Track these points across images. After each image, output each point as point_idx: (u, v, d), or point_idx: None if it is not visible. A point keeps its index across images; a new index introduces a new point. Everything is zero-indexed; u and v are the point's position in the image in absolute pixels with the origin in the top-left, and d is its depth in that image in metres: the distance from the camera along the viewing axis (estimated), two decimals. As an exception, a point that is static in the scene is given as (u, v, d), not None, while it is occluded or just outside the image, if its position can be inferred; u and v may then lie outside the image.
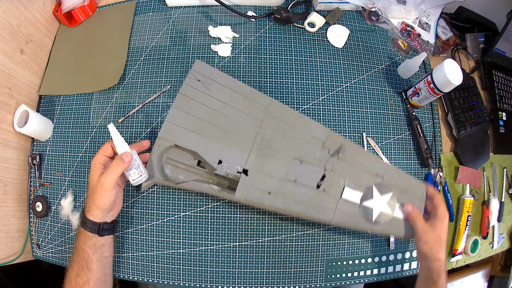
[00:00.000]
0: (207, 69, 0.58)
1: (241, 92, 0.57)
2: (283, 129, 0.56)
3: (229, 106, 0.56)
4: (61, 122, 0.68)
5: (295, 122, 0.56)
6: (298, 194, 0.53)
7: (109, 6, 0.76)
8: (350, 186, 0.54)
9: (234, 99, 0.56)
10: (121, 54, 0.69)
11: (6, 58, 0.60)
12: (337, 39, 0.71)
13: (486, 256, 0.70)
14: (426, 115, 0.70)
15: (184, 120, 0.54)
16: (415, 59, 0.66)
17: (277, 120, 0.56)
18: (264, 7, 0.72)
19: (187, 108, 0.55)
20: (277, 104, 0.57)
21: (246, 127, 0.55)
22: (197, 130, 0.54)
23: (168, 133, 0.54)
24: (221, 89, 0.56)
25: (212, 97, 0.56)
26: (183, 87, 0.56)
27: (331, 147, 0.56)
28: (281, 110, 0.57)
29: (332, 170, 0.54)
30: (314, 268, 0.60)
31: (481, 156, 0.71)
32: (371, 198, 0.54)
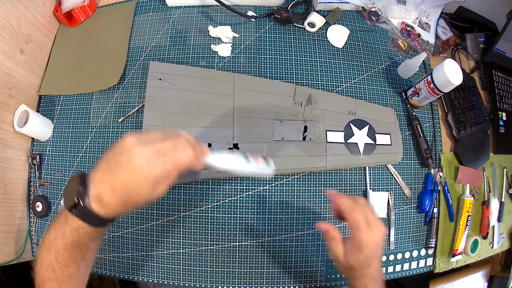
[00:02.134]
0: (164, 66, 0.61)
1: (203, 76, 0.61)
2: (254, 96, 0.61)
3: (198, 92, 0.59)
4: (61, 122, 0.68)
5: (262, 87, 0.62)
6: (289, 151, 0.58)
7: (109, 6, 0.76)
8: (331, 129, 0.61)
9: (200, 84, 0.60)
10: (121, 54, 0.69)
11: (6, 58, 0.60)
12: (337, 39, 0.71)
13: (486, 256, 0.70)
14: (426, 115, 0.70)
15: (161, 120, 0.56)
16: (415, 59, 0.66)
17: (246, 91, 0.61)
18: (264, 7, 0.72)
19: (160, 107, 0.57)
20: (240, 77, 0.62)
21: (221, 106, 0.59)
22: (176, 123, 0.56)
23: None
24: (184, 80, 0.60)
25: (179, 89, 0.59)
26: (147, 90, 0.59)
27: (302, 100, 0.62)
28: (246, 80, 0.61)
29: (311, 120, 0.61)
30: (314, 268, 0.60)
31: (481, 156, 0.71)
32: (353, 134, 0.62)
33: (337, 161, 0.59)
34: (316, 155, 0.59)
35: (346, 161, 0.60)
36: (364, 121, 0.62)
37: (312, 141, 0.59)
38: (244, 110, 0.59)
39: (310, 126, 0.60)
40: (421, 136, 0.66)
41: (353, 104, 0.64)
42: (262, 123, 0.59)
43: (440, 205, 0.66)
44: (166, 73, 0.60)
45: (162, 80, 0.59)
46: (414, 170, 0.66)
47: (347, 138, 0.61)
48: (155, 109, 0.57)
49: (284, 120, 0.60)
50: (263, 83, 0.62)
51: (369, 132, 0.62)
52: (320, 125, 0.61)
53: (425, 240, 0.65)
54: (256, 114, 0.59)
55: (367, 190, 0.63)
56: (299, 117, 0.60)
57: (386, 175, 0.64)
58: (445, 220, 0.66)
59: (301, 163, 0.58)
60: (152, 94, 0.58)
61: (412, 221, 0.65)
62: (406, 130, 0.68)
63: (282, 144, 0.58)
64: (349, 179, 0.63)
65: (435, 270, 0.65)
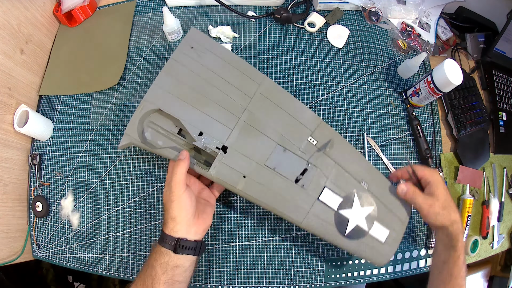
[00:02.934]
0: (201, 36, 0.55)
1: (234, 65, 0.54)
2: (272, 110, 0.52)
3: (219, 77, 0.53)
4: (61, 122, 0.68)
5: (287, 104, 0.53)
6: (274, 184, 0.49)
7: (109, 6, 0.76)
8: (331, 188, 0.50)
9: (226, 70, 0.53)
10: (121, 54, 0.69)
11: (6, 58, 0.60)
12: (337, 39, 0.71)
13: (486, 256, 0.70)
14: (426, 115, 0.70)
15: (171, 86, 0.51)
16: (415, 59, 0.66)
17: (267, 99, 0.52)
18: (264, 7, 0.72)
19: (177, 75, 0.52)
20: (269, 82, 0.53)
21: (233, 102, 0.52)
22: (183, 97, 0.51)
23: (154, 97, 0.51)
24: (214, 59, 0.54)
25: (204, 65, 0.53)
26: (175, 52, 0.53)
27: (320, 139, 0.52)
28: (273, 89, 0.53)
29: (315, 166, 0.50)
30: (314, 268, 0.60)
31: (481, 156, 0.71)
32: (350, 207, 0.50)
33: (315, 224, 0.49)
34: (297, 205, 0.49)
35: (324, 231, 0.49)
36: (371, 200, 0.51)
37: (304, 188, 0.49)
38: (254, 117, 0.51)
39: (310, 172, 0.50)
40: (421, 136, 0.66)
41: (372, 175, 0.52)
42: (264, 140, 0.50)
43: (440, 205, 0.66)
44: (199, 44, 0.54)
45: (193, 49, 0.53)
46: (414, 170, 0.66)
47: (341, 208, 0.50)
48: (171, 73, 0.52)
49: (288, 151, 0.50)
50: (288, 100, 0.53)
51: (370, 215, 0.50)
52: (321, 177, 0.50)
53: (425, 240, 0.65)
54: (263, 127, 0.51)
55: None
56: (305, 156, 0.50)
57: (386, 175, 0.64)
58: (445, 220, 0.66)
59: (278, 203, 0.49)
60: (177, 58, 0.53)
61: (412, 221, 0.65)
62: (406, 130, 0.68)
63: (270, 172, 0.49)
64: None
65: (435, 270, 0.65)
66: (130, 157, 0.63)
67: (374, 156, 0.65)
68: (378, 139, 0.66)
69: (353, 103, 0.67)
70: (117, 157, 0.63)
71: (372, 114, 0.67)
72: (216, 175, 0.48)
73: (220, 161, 0.49)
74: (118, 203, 0.62)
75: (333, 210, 0.49)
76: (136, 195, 0.62)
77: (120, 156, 0.63)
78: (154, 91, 0.51)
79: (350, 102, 0.67)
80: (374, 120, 0.67)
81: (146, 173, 0.62)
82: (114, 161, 0.63)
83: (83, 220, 0.63)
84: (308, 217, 0.49)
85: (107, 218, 0.62)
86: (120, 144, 0.50)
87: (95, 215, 0.62)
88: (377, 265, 0.60)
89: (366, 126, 0.66)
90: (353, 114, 0.66)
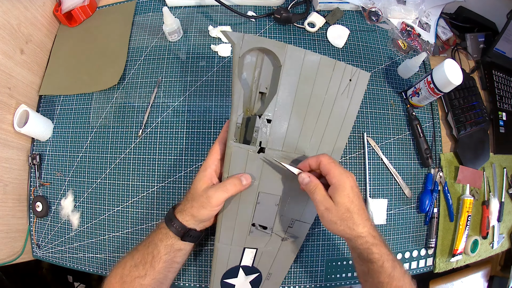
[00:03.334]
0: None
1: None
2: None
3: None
4: (61, 122, 0.68)
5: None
6: (240, 210, 0.50)
7: (109, 6, 0.76)
8: (246, 264, 0.53)
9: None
10: (121, 54, 0.69)
11: (6, 58, 0.60)
12: (337, 39, 0.71)
13: (486, 256, 0.70)
14: (426, 115, 0.70)
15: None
16: (415, 59, 0.66)
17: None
18: (264, 7, 0.72)
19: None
20: None
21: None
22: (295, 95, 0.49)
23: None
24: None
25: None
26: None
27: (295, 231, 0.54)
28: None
29: (269, 239, 0.53)
30: (314, 268, 0.60)
31: (481, 156, 0.71)
32: (235, 276, 0.53)
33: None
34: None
35: None
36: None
37: (251, 232, 0.51)
38: (293, 148, 0.49)
39: (264, 237, 0.52)
40: (421, 136, 0.66)
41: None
42: (273, 188, 0.50)
43: (440, 205, 0.66)
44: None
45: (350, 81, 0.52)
46: (414, 170, 0.66)
47: (228, 275, 0.53)
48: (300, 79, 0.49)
49: (277, 208, 0.51)
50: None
51: (255, 280, 0.54)
52: (258, 243, 0.52)
53: (425, 240, 0.65)
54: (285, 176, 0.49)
55: (366, 198, 0.63)
56: (279, 228, 0.53)
57: (386, 175, 0.64)
58: (445, 220, 0.66)
59: (227, 219, 0.50)
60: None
61: (412, 221, 0.65)
62: (406, 130, 0.68)
63: (253, 199, 0.50)
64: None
65: (435, 270, 0.65)
66: (130, 157, 0.63)
67: (374, 156, 0.65)
68: (378, 139, 0.66)
69: (353, 103, 0.67)
70: (117, 157, 0.63)
71: (372, 114, 0.67)
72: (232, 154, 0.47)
73: (249, 152, 0.47)
74: (118, 203, 0.62)
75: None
76: (136, 195, 0.62)
77: (120, 156, 0.63)
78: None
79: (350, 102, 0.67)
80: (374, 120, 0.67)
81: (146, 173, 0.62)
82: (114, 161, 0.63)
83: (83, 220, 0.63)
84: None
85: (107, 218, 0.62)
86: (229, 34, 0.46)
87: (95, 215, 0.62)
88: None
89: (366, 126, 0.66)
90: (353, 114, 0.66)
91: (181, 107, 0.64)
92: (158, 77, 0.66)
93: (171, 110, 0.64)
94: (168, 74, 0.67)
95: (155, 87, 0.66)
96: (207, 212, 0.45)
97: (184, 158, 0.62)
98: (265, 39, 0.48)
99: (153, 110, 0.65)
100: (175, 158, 0.62)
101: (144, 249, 0.46)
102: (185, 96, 0.65)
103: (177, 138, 0.63)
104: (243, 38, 0.46)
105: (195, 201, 0.45)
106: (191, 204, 0.45)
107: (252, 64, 0.50)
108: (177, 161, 0.62)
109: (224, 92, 0.65)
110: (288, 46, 0.48)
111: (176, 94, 0.65)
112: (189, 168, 0.61)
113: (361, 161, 0.64)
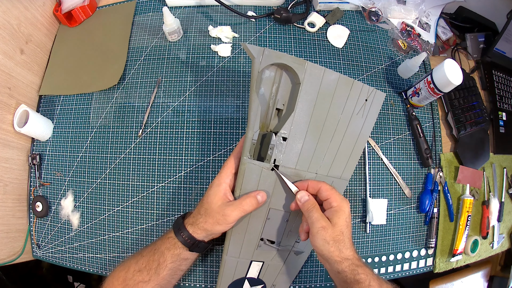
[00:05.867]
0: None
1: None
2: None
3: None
4: (61, 122, 0.68)
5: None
6: (250, 223, 0.50)
7: (109, 6, 0.76)
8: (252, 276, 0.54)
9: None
10: (121, 54, 0.69)
11: (6, 58, 0.60)
12: (337, 39, 0.71)
13: (486, 256, 0.70)
14: (426, 115, 0.70)
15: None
16: (415, 59, 0.66)
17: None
18: (264, 7, 0.72)
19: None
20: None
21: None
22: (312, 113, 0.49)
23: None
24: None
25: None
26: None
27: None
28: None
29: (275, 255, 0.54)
30: (314, 268, 0.60)
31: (481, 156, 0.71)
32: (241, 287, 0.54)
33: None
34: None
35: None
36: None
37: (259, 247, 0.51)
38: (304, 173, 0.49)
39: (270, 252, 0.53)
40: (421, 136, 0.66)
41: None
42: (279, 208, 0.50)
43: (440, 205, 0.66)
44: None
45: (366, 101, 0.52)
46: (414, 170, 0.66)
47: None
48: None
49: (285, 224, 0.51)
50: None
51: None
52: (265, 257, 0.53)
53: (425, 240, 0.65)
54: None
55: (366, 198, 0.63)
56: (287, 243, 0.53)
57: (386, 175, 0.64)
58: (445, 220, 0.66)
59: (236, 236, 0.50)
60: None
61: (412, 221, 0.65)
62: (406, 130, 0.68)
63: (264, 214, 0.50)
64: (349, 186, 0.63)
65: (435, 270, 0.65)
66: (130, 157, 0.63)
67: (374, 156, 0.65)
68: (378, 139, 0.66)
69: (353, 103, 0.67)
70: (117, 157, 0.63)
71: (372, 114, 0.67)
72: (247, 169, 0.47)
73: (262, 169, 0.47)
74: (118, 203, 0.62)
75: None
76: (136, 195, 0.62)
77: (120, 156, 0.63)
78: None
79: (350, 102, 0.67)
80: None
81: (146, 173, 0.62)
82: (114, 161, 0.63)
83: (83, 220, 0.63)
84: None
85: (107, 218, 0.62)
86: (249, 47, 0.45)
87: (95, 215, 0.62)
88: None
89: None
90: (353, 114, 0.66)
91: (181, 107, 0.64)
92: (158, 77, 0.66)
93: (171, 110, 0.64)
94: (168, 74, 0.67)
95: (155, 87, 0.66)
96: (222, 229, 0.46)
97: (184, 158, 0.62)
98: (285, 55, 0.47)
99: (153, 110, 0.65)
100: (175, 158, 0.62)
101: (150, 255, 0.46)
102: (185, 96, 0.65)
103: (177, 138, 0.63)
104: (263, 53, 0.45)
105: (210, 217, 0.45)
106: (205, 219, 0.45)
107: (271, 79, 0.49)
108: (177, 161, 0.62)
109: (224, 92, 0.65)
110: (308, 63, 0.47)
111: (176, 94, 0.65)
112: (189, 168, 0.62)
113: (361, 161, 0.64)
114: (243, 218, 0.48)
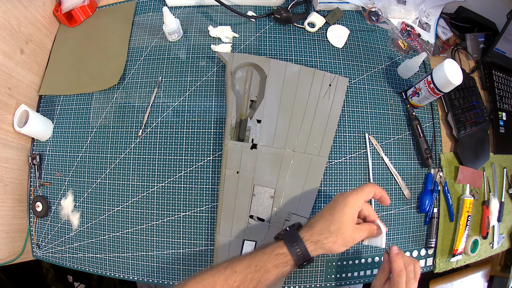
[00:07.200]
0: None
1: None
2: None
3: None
4: (61, 122, 0.68)
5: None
6: (239, 198, 0.56)
7: (109, 6, 0.76)
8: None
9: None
10: (121, 54, 0.69)
11: (6, 58, 0.60)
12: (337, 39, 0.71)
13: (486, 256, 0.70)
14: (426, 115, 0.70)
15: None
16: (415, 59, 0.66)
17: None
18: (264, 7, 0.72)
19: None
20: None
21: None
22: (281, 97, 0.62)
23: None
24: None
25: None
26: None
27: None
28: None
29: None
30: (314, 268, 0.60)
31: (481, 156, 0.71)
32: None
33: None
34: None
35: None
36: None
37: (252, 219, 0.56)
38: (290, 158, 0.59)
39: (263, 228, 0.56)
40: (421, 136, 0.66)
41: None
42: (270, 182, 0.58)
43: (440, 205, 0.66)
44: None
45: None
46: (414, 170, 0.66)
47: None
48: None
49: (272, 200, 0.57)
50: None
51: None
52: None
53: (425, 240, 0.65)
54: (285, 171, 0.58)
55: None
56: (275, 219, 0.58)
57: (387, 175, 0.64)
58: (445, 220, 0.66)
59: (226, 208, 0.57)
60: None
61: (412, 221, 0.65)
62: (406, 130, 0.68)
63: (249, 190, 0.57)
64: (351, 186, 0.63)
65: (435, 270, 0.65)
66: (130, 157, 0.63)
67: (374, 156, 0.65)
68: (378, 139, 0.66)
69: (353, 103, 0.67)
70: (117, 157, 0.63)
71: (372, 114, 0.67)
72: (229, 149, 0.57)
73: (243, 148, 0.58)
74: (118, 203, 0.62)
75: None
76: (136, 195, 0.62)
77: (120, 156, 0.63)
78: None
79: (350, 102, 0.67)
80: (374, 120, 0.67)
81: (146, 173, 0.62)
82: (114, 161, 0.63)
83: (83, 220, 0.63)
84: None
85: (107, 218, 0.62)
86: (222, 54, 0.62)
87: (95, 215, 0.62)
88: None
89: (366, 126, 0.66)
90: (353, 114, 0.66)
91: (181, 107, 0.64)
92: (158, 77, 0.66)
93: (171, 110, 0.65)
94: (168, 74, 0.67)
95: (155, 87, 0.66)
96: (343, 250, 0.44)
97: (184, 158, 0.62)
98: (251, 56, 0.63)
99: (153, 110, 0.65)
100: (175, 158, 0.62)
101: (248, 272, 0.41)
102: (185, 96, 0.65)
103: (177, 138, 0.63)
104: (233, 57, 0.61)
105: (341, 238, 0.43)
106: (335, 239, 0.43)
107: (243, 79, 0.63)
108: (177, 161, 0.62)
109: (224, 92, 0.65)
110: (271, 60, 0.62)
111: (176, 94, 0.65)
112: (189, 168, 0.62)
113: (362, 160, 0.64)
114: (228, 193, 0.55)
